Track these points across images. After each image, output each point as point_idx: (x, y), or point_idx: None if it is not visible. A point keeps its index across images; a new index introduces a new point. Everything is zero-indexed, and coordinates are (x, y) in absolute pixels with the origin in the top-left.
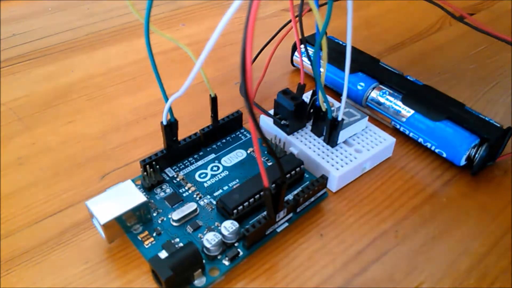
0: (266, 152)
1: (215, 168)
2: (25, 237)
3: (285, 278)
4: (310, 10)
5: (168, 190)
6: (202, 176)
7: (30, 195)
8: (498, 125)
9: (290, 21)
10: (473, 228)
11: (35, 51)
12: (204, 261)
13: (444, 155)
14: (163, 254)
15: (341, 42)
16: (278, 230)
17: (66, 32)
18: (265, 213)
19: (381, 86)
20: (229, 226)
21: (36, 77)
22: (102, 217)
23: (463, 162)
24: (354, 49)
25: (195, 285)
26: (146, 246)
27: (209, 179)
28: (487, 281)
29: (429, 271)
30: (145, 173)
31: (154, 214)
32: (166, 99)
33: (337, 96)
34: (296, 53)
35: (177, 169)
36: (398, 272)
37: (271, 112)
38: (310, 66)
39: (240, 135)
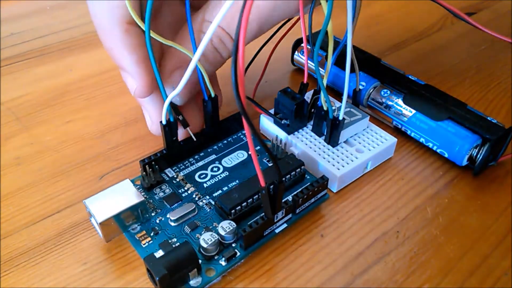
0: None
1: (215, 169)
2: (23, 238)
3: (286, 279)
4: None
5: (167, 191)
6: (202, 176)
7: (28, 196)
8: (500, 125)
9: (289, 20)
10: (475, 229)
11: (33, 50)
12: (200, 261)
13: (446, 155)
14: (160, 254)
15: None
16: (277, 231)
17: (65, 31)
18: (263, 213)
19: (382, 85)
20: (226, 226)
21: (34, 76)
22: (99, 216)
23: (465, 162)
24: (355, 48)
25: (191, 285)
26: (143, 246)
27: (209, 180)
28: (490, 281)
29: (431, 272)
30: (144, 173)
31: (153, 214)
32: (166, 97)
33: (338, 95)
34: (296, 52)
35: (177, 169)
36: (400, 273)
37: (272, 111)
38: (312, 66)
39: (241, 136)
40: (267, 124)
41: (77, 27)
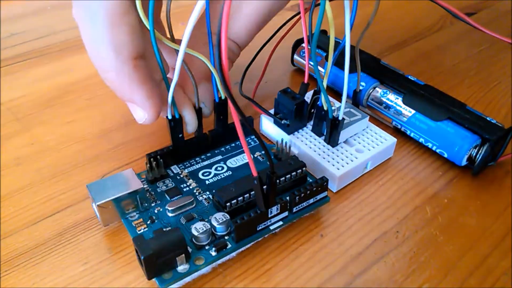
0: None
1: (219, 168)
2: (24, 238)
3: (286, 279)
4: (319, 4)
5: (170, 185)
6: (205, 174)
7: (28, 196)
8: (500, 125)
9: (289, 20)
10: (475, 229)
11: (33, 51)
12: (191, 250)
13: (445, 155)
14: None
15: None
16: (272, 227)
17: (65, 31)
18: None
19: (382, 85)
20: (220, 218)
21: (34, 76)
22: (98, 198)
23: (464, 162)
24: (353, 48)
25: (178, 271)
26: (138, 232)
27: (211, 178)
28: (489, 281)
29: (430, 272)
30: (149, 166)
31: (152, 204)
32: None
33: (338, 95)
34: (296, 53)
35: (183, 166)
36: (399, 273)
37: (272, 111)
38: (312, 66)
39: (249, 140)
40: (268, 125)
41: (78, 27)
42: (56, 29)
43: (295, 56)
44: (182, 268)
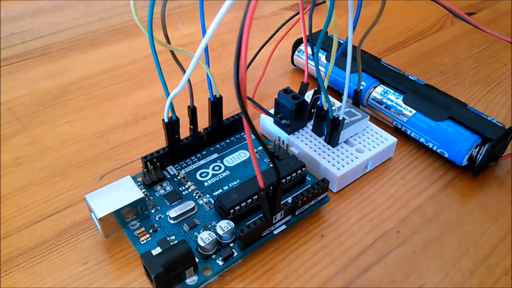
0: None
1: (216, 168)
2: (23, 238)
3: (286, 279)
4: (318, 4)
5: (168, 188)
6: (203, 175)
7: (28, 196)
8: (500, 125)
9: (289, 19)
10: (475, 229)
11: (33, 50)
12: (197, 260)
13: (446, 155)
14: (157, 251)
15: (342, 41)
16: (275, 232)
17: (65, 31)
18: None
19: (382, 85)
20: (224, 226)
21: (34, 76)
22: (99, 212)
23: (464, 162)
24: (355, 48)
25: (187, 284)
26: (142, 243)
27: (210, 179)
28: (490, 282)
29: (431, 273)
30: (145, 170)
31: (152, 211)
32: (168, 95)
33: (338, 95)
34: (296, 52)
35: (179, 167)
36: (400, 273)
37: (272, 111)
38: (312, 66)
39: (244, 136)
40: (267, 124)
41: (77, 27)
42: (56, 29)
43: (295, 56)
44: (191, 280)
